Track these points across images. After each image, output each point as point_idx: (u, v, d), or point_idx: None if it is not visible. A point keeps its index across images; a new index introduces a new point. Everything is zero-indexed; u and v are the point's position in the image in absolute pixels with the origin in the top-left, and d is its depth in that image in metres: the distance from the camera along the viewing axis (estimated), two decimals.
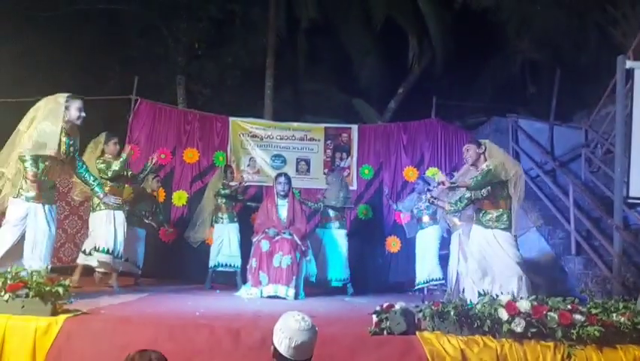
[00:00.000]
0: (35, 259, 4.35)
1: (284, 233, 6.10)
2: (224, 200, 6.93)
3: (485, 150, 4.72)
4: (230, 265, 6.84)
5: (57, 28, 9.17)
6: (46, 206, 4.57)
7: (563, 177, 7.17)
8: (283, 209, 6.33)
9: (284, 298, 5.70)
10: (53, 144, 4.50)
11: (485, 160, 4.68)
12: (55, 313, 3.53)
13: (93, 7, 9.44)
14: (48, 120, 4.51)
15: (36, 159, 4.47)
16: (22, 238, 4.46)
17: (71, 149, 4.72)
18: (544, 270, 6.18)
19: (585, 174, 7.26)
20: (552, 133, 7.95)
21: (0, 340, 3.29)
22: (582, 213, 6.40)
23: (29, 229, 4.47)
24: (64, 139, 4.61)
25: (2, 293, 3.47)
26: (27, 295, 3.48)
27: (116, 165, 5.68)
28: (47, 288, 3.53)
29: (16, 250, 4.41)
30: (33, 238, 4.45)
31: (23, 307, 3.45)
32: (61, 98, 4.64)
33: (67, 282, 3.68)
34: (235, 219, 7.02)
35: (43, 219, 4.52)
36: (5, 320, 3.37)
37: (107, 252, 5.55)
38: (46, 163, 4.55)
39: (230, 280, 6.85)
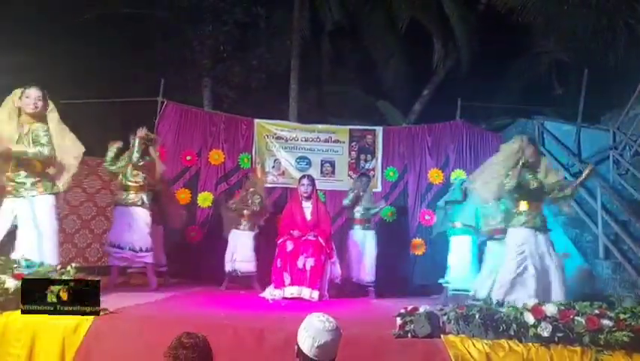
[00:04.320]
0: (33, 255, 4.28)
1: (308, 235, 6.13)
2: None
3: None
4: (243, 271, 6.83)
5: (84, 34, 9.33)
6: (32, 198, 4.49)
7: (591, 179, 7.03)
8: (308, 211, 6.36)
9: (307, 300, 5.72)
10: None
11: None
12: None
13: (119, 11, 9.61)
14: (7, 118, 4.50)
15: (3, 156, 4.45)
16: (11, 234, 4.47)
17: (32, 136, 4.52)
18: (572, 273, 6.07)
19: (613, 176, 7.11)
20: (579, 135, 7.81)
21: (30, 339, 3.39)
22: (610, 217, 6.27)
23: (19, 225, 4.46)
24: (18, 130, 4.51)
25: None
26: None
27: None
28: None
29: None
30: (22, 234, 4.44)
31: None
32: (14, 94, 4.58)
33: None
34: (254, 228, 7.02)
35: (27, 213, 4.46)
36: (35, 318, 3.47)
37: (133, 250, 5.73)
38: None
39: (248, 283, 6.90)
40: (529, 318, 3.53)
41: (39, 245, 4.39)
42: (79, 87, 8.75)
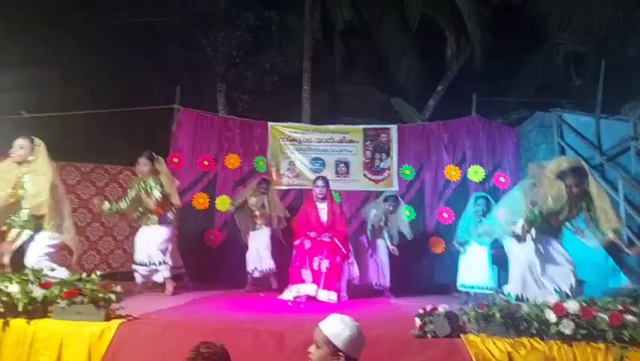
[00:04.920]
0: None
1: (324, 236, 6.13)
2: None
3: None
4: (264, 269, 6.90)
5: (98, 43, 9.47)
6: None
7: (612, 171, 6.93)
8: (323, 212, 6.35)
9: (326, 302, 5.73)
10: None
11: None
12: (108, 318, 3.69)
13: (133, 20, 9.73)
14: None
15: None
16: None
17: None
18: (595, 267, 6.00)
19: (635, 168, 7.00)
20: (599, 126, 7.69)
21: (58, 345, 3.47)
22: (633, 209, 6.18)
23: None
24: None
25: (59, 300, 3.65)
26: (82, 302, 3.65)
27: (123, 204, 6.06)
28: (101, 294, 3.69)
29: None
30: None
31: (79, 313, 3.62)
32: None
33: (118, 288, 3.83)
34: (267, 225, 7.08)
35: None
36: (62, 326, 3.54)
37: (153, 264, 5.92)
38: None
39: (267, 283, 6.95)
40: (551, 316, 3.49)
41: None
42: (96, 97, 8.89)
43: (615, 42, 8.69)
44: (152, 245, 5.93)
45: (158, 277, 6.00)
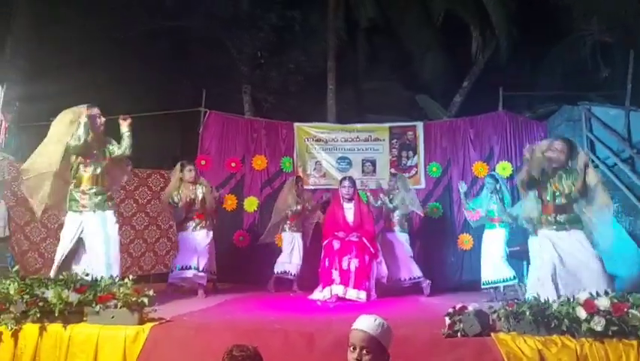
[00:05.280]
0: (100, 266, 4.59)
1: (351, 236, 6.16)
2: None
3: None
4: (292, 274, 6.97)
5: (125, 48, 9.64)
6: (98, 212, 4.83)
7: None
8: (350, 212, 6.37)
9: (355, 301, 5.75)
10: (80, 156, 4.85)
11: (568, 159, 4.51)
12: (141, 321, 3.77)
13: (159, 25, 9.88)
14: (66, 135, 4.81)
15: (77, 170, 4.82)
16: (79, 246, 4.76)
17: (106, 153, 5.03)
18: (626, 262, 5.87)
19: None
20: (629, 119, 7.52)
21: (94, 349, 3.56)
22: None
23: (86, 237, 4.76)
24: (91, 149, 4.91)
25: (94, 305, 3.75)
26: (116, 306, 3.74)
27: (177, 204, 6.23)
28: (134, 298, 3.78)
29: (73, 258, 4.72)
30: (89, 245, 4.74)
31: (113, 317, 3.71)
32: (72, 113, 4.91)
33: (151, 292, 3.92)
34: (301, 228, 7.17)
35: (97, 226, 4.78)
36: (98, 329, 3.64)
37: (195, 269, 6.07)
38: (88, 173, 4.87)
39: (290, 285, 7.01)
40: (582, 313, 3.44)
41: (107, 257, 4.69)
42: (124, 102, 9.04)
43: None
44: (200, 250, 6.15)
45: (201, 280, 6.15)
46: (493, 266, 6.41)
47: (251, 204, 8.25)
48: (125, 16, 9.62)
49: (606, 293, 3.63)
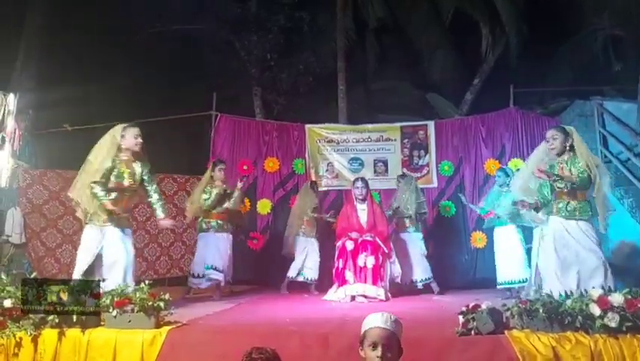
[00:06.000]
0: (118, 276, 4.59)
1: (365, 236, 6.16)
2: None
3: (572, 140, 4.57)
4: (308, 278, 7.00)
5: (135, 52, 9.71)
6: (118, 229, 4.80)
7: None
8: (363, 213, 6.39)
9: (372, 298, 5.75)
10: (113, 176, 4.79)
11: (570, 149, 4.55)
12: (158, 325, 3.81)
13: (168, 28, 9.95)
14: (106, 154, 4.79)
15: (105, 189, 4.73)
16: (96, 260, 4.73)
17: (136, 177, 4.93)
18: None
19: None
20: None
21: (112, 353, 3.60)
22: None
23: (106, 251, 4.73)
24: (126, 169, 4.86)
25: (111, 310, 3.79)
26: (132, 310, 3.78)
27: (207, 199, 6.23)
28: (150, 303, 3.81)
29: (91, 271, 4.68)
30: (110, 260, 4.71)
31: (130, 321, 3.74)
32: (115, 131, 4.89)
33: (167, 296, 3.95)
34: (316, 234, 7.18)
35: (118, 240, 4.76)
36: (115, 334, 3.68)
37: (214, 269, 6.16)
38: (116, 193, 4.80)
39: (303, 288, 7.03)
40: (595, 309, 3.43)
41: (126, 269, 4.71)
42: (134, 106, 9.12)
43: None
44: (222, 252, 6.25)
45: (220, 281, 6.22)
46: (510, 266, 6.32)
47: (264, 206, 8.28)
48: (134, 21, 9.71)
49: (610, 289, 3.65)
